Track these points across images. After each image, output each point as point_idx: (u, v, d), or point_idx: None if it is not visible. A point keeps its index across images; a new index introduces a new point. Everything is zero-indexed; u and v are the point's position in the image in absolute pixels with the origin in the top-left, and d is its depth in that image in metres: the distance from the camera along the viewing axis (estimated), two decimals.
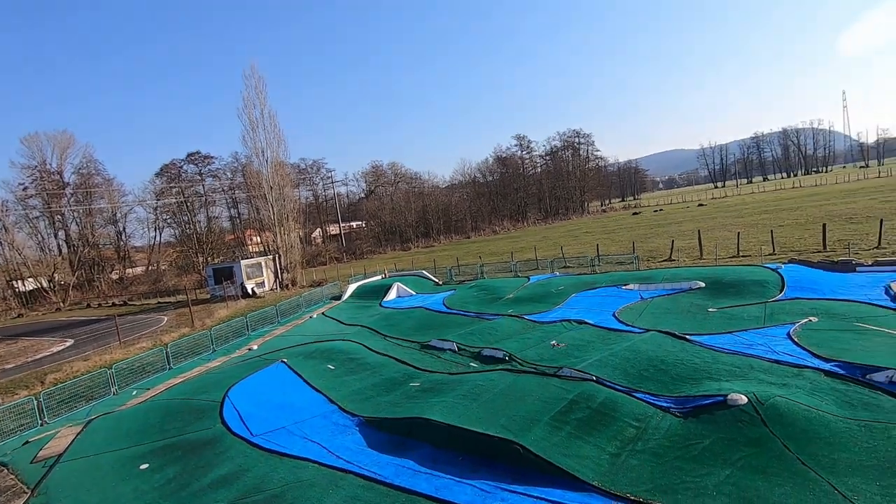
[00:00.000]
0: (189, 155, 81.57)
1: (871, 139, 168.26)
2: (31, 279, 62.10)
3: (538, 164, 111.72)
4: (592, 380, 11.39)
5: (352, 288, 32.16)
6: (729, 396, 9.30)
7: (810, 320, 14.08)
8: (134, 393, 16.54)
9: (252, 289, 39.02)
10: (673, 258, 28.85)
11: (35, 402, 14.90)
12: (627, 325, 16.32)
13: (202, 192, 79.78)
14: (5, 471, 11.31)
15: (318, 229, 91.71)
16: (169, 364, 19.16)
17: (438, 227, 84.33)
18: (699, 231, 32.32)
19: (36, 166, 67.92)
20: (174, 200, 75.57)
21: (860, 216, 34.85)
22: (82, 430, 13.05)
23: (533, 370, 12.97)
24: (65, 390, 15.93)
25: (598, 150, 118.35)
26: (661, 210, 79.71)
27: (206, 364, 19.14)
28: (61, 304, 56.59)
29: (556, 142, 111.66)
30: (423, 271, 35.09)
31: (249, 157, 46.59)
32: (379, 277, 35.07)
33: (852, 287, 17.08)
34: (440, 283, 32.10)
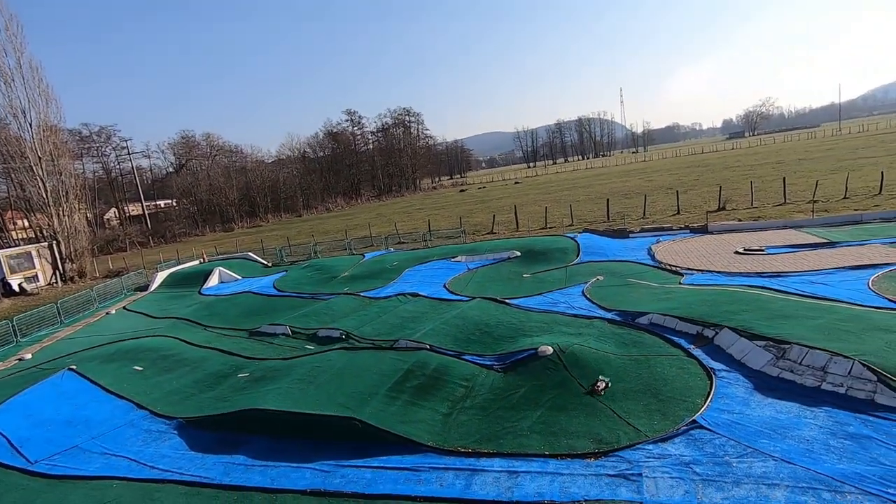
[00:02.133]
0: None
1: (640, 129, 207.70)
2: None
3: (370, 141, 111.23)
4: (426, 348, 12.02)
5: (162, 276, 28.12)
6: (539, 349, 10.73)
7: (598, 279, 16.95)
8: None
9: (20, 284, 31.32)
10: (494, 231, 31.78)
11: None
12: (456, 294, 17.54)
13: None
14: None
15: (114, 209, 77.51)
16: None
17: (265, 205, 78.44)
18: (515, 206, 36.14)
19: None
20: None
21: (632, 192, 42.91)
22: None
23: (370, 346, 13.13)
24: None
25: (427, 129, 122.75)
26: (484, 187, 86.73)
27: None
28: None
29: (388, 119, 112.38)
30: (250, 253, 32.42)
31: (3, 118, 36.62)
32: (196, 262, 31.30)
33: (627, 250, 21.04)
34: (269, 265, 30.07)
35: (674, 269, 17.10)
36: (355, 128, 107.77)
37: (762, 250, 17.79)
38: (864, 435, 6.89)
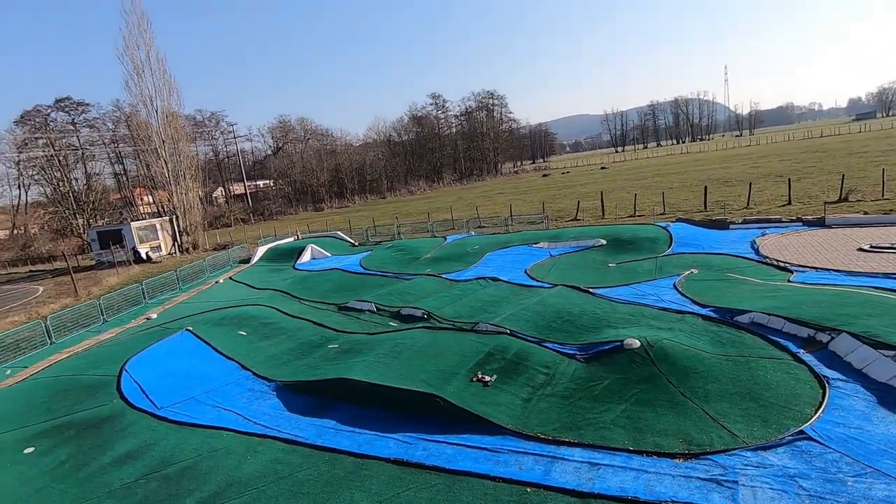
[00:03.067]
0: (58, 101, 70.64)
1: (745, 111, 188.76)
2: None
3: (453, 125, 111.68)
4: (506, 333, 12.04)
5: (262, 250, 30.59)
6: (625, 341, 10.33)
7: (692, 272, 15.88)
8: (8, 372, 14.68)
9: (146, 253, 35.65)
10: (578, 218, 30.77)
11: None
12: (538, 280, 17.31)
13: (78, 145, 69.96)
14: None
15: (220, 188, 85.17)
16: (50, 338, 17.16)
17: (353, 186, 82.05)
18: (602, 193, 34.65)
19: None
20: (42, 154, 65.56)
21: (734, 180, 39.37)
22: None
23: (451, 326, 13.40)
24: None
25: (511, 112, 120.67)
26: (568, 172, 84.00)
27: (97, 336, 17.42)
28: None
29: (471, 102, 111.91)
30: (338, 232, 34.22)
31: (135, 105, 41.48)
32: (291, 239, 33.64)
33: (726, 242, 19.44)
34: (356, 244, 31.57)
35: (782, 265, 15.54)
36: (439, 111, 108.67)
37: (893, 248, 15.60)
38: None
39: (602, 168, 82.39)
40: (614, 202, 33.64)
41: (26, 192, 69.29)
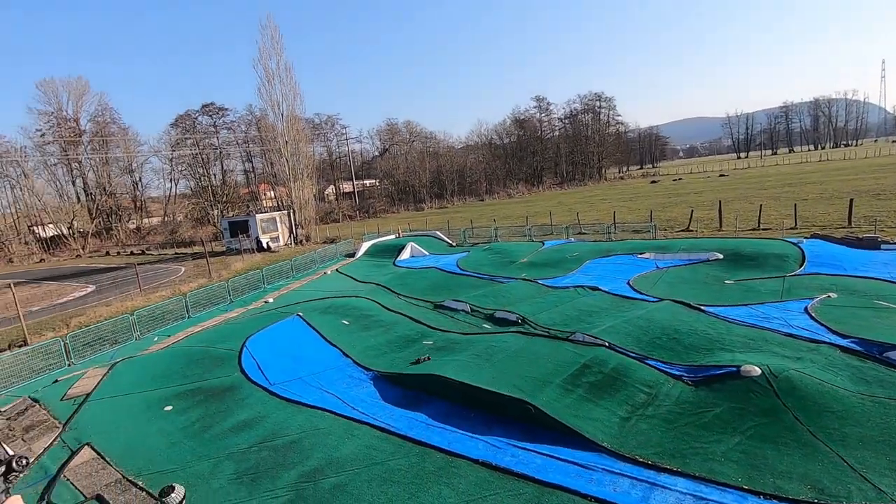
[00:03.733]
0: (204, 106, 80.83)
1: None
2: (51, 225, 63.33)
3: (556, 128, 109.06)
4: (605, 345, 11.48)
5: (366, 246, 32.35)
6: (742, 367, 9.32)
7: (829, 296, 13.91)
8: (155, 339, 17.09)
9: (267, 243, 39.45)
10: (691, 228, 28.43)
11: (62, 343, 15.49)
12: (642, 293, 16.29)
13: (217, 145, 79.52)
14: (37, 406, 11.88)
15: (332, 186, 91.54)
16: (188, 313, 19.69)
17: (452, 188, 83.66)
18: (720, 202, 31.67)
19: (52, 112, 67.89)
20: (189, 152, 75.55)
21: (889, 192, 33.79)
22: (108, 372, 13.58)
23: (546, 334, 13.09)
24: (89, 333, 16.52)
25: (619, 115, 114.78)
26: (680, 179, 78.02)
27: (224, 314, 19.63)
28: (81, 251, 57.88)
29: (577, 105, 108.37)
30: (437, 232, 35.08)
31: (264, 109, 46.18)
32: (393, 236, 35.17)
33: (876, 264, 16.76)
34: (454, 244, 32.13)
35: None
36: (542, 114, 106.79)
37: None
38: None
39: (721, 175, 75.31)
40: (734, 213, 30.56)
41: (175, 185, 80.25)
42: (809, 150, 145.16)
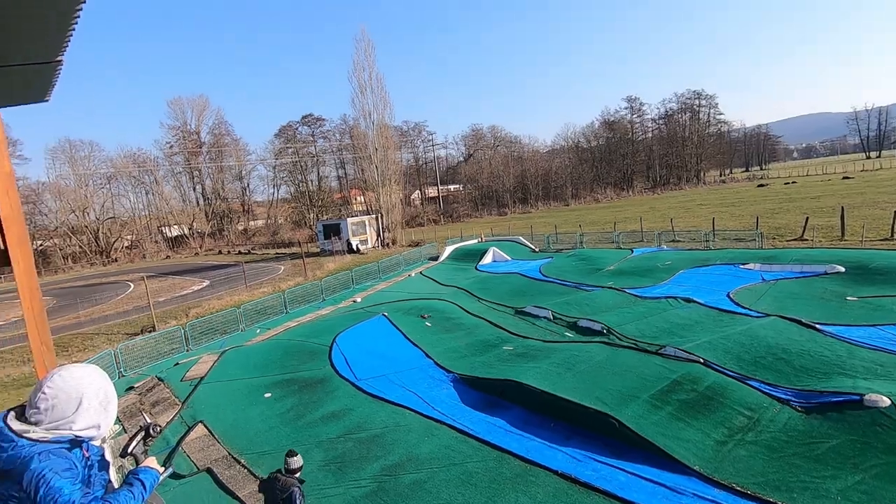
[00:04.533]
0: (303, 117, 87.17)
1: None
2: (175, 226, 71.89)
3: (649, 129, 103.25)
4: (699, 361, 10.70)
5: (449, 250, 32.92)
6: (866, 396, 8.23)
7: None
8: (258, 331, 18.72)
9: (357, 245, 41.59)
10: (805, 237, 25.54)
11: (182, 331, 17.52)
12: (744, 307, 14.94)
13: (314, 153, 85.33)
14: (162, 385, 13.56)
15: (417, 191, 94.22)
16: (286, 308, 21.33)
17: (537, 193, 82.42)
18: (842, 208, 28.08)
19: (179, 127, 77.08)
20: (290, 160, 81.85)
21: None
22: (218, 358, 15.12)
23: (633, 346, 12.48)
24: (204, 323, 18.51)
25: (721, 114, 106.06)
26: (794, 182, 70.30)
27: (317, 311, 21.00)
28: (198, 250, 64.95)
29: (673, 104, 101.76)
30: (520, 237, 34.78)
31: (357, 119, 48.75)
32: (475, 241, 35.43)
33: None
34: (537, 249, 31.66)
35: None
36: (634, 115, 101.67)
37: None
38: None
39: (845, 178, 66.73)
40: (860, 220, 26.94)
41: (277, 191, 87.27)
42: None
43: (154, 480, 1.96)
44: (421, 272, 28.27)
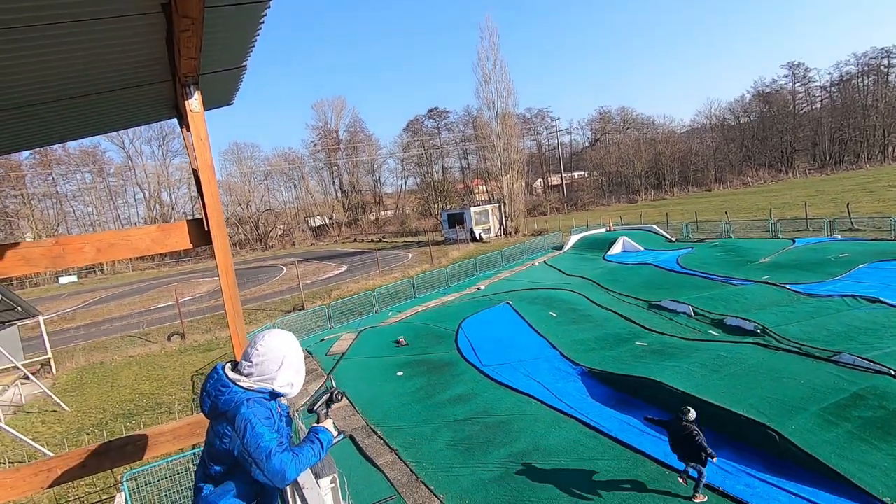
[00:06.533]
0: (429, 111, 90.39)
1: None
2: (318, 217, 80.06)
3: (817, 99, 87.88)
4: (890, 374, 8.90)
5: (574, 239, 31.76)
6: None
7: None
8: (390, 314, 20.03)
9: (479, 234, 42.17)
10: None
11: (326, 310, 19.44)
12: None
13: (439, 144, 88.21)
14: (310, 357, 15.22)
15: (540, 179, 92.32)
16: (414, 293, 22.48)
17: (672, 177, 75.44)
18: None
19: (321, 126, 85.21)
20: (416, 153, 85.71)
21: None
22: (356, 337, 16.51)
23: (797, 350, 10.83)
24: (344, 304, 20.33)
25: None
26: None
27: (443, 297, 21.77)
28: (337, 238, 71.51)
29: (851, 66, 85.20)
30: (654, 226, 32.19)
31: (480, 109, 49.10)
32: (603, 230, 33.67)
33: None
34: (673, 239, 29.03)
35: None
36: (797, 84, 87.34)
37: None
38: None
39: None
40: None
41: (405, 182, 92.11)
42: None
43: (330, 442, 2.18)
44: (545, 261, 27.71)
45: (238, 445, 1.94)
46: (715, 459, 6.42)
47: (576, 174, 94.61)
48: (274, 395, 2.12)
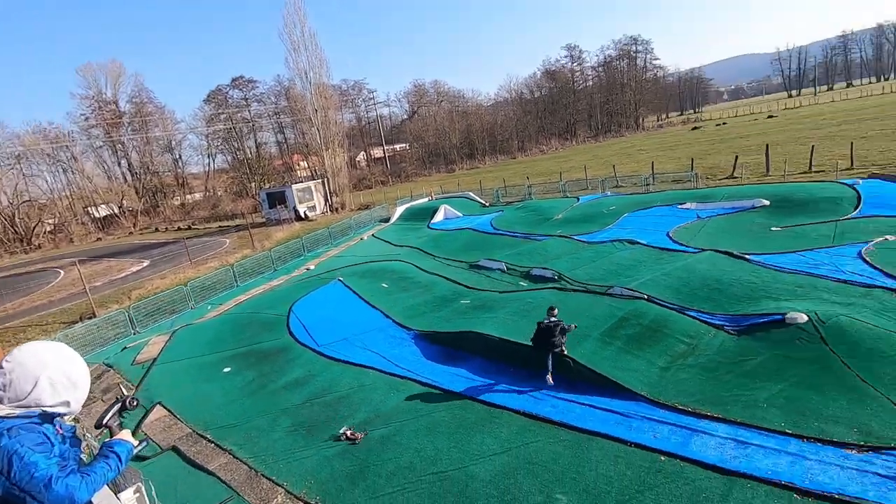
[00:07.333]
0: (234, 80, 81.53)
1: None
2: (103, 205, 66.80)
3: (589, 77, 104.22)
4: (644, 298, 11.41)
5: (399, 210, 32.65)
6: (787, 315, 9.12)
7: (886, 239, 13.19)
8: (209, 307, 18.12)
9: (304, 212, 40.38)
10: (735, 175, 27.16)
11: (126, 314, 16.69)
12: (682, 244, 15.90)
13: (249, 118, 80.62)
14: (111, 371, 13.01)
15: (363, 153, 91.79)
16: (236, 282, 20.68)
17: (483, 147, 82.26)
18: (767, 145, 29.91)
19: (93, 96, 70.21)
20: (223, 127, 77.02)
21: None
22: (170, 338, 14.60)
23: (583, 289, 13.09)
24: (149, 304, 17.69)
25: (657, 59, 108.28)
26: (724, 124, 73.81)
27: (269, 282, 20.50)
28: (132, 229, 60.99)
29: (611, 51, 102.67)
30: (470, 193, 34.91)
31: (293, 79, 46.17)
32: (426, 200, 35.27)
33: None
34: (487, 204, 31.97)
35: None
36: (574, 64, 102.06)
37: None
38: None
39: (770, 117, 70.65)
40: (783, 156, 28.86)
41: (213, 161, 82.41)
42: (871, 82, 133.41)
43: (129, 453, 1.95)
44: (373, 234, 28.01)
45: (4, 483, 1.61)
46: (575, 327, 8.86)
47: (398, 146, 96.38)
48: (47, 417, 1.80)
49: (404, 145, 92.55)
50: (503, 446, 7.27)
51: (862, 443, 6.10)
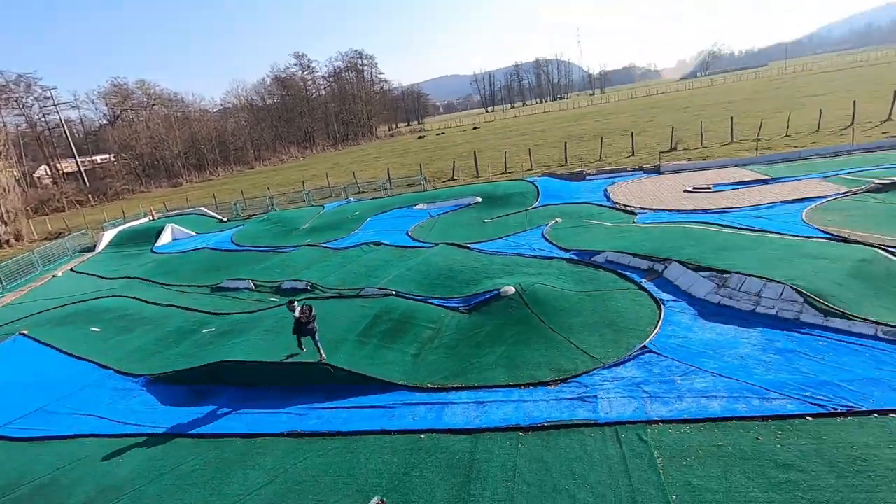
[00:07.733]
0: None
1: (596, 71, 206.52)
2: None
3: (322, 87, 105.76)
4: (392, 294, 12.26)
5: (109, 235, 26.78)
6: (502, 289, 11.16)
7: (557, 221, 17.44)
8: None
9: None
10: (455, 177, 31.69)
11: None
12: (420, 241, 17.70)
13: None
14: None
15: (44, 166, 71.78)
16: None
17: (214, 157, 74.45)
18: (475, 152, 35.89)
19: None
20: None
21: (589, 135, 43.36)
22: None
23: (336, 295, 13.24)
24: None
25: (381, 73, 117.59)
26: (443, 133, 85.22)
27: None
28: None
29: (339, 62, 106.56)
30: (203, 208, 31.16)
31: None
32: (146, 220, 29.86)
33: (584, 192, 21.58)
34: (225, 219, 29.09)
35: (628, 209, 17.77)
36: (305, 72, 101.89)
37: (709, 188, 18.68)
38: (790, 349, 7.73)
39: (474, 128, 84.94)
40: (487, 161, 35.14)
41: None
42: (536, 103, 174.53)
43: None
44: (72, 269, 22.23)
45: None
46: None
47: (98, 158, 78.92)
48: None
49: (107, 156, 76.35)
50: (269, 476, 6.77)
51: (557, 378, 7.95)
